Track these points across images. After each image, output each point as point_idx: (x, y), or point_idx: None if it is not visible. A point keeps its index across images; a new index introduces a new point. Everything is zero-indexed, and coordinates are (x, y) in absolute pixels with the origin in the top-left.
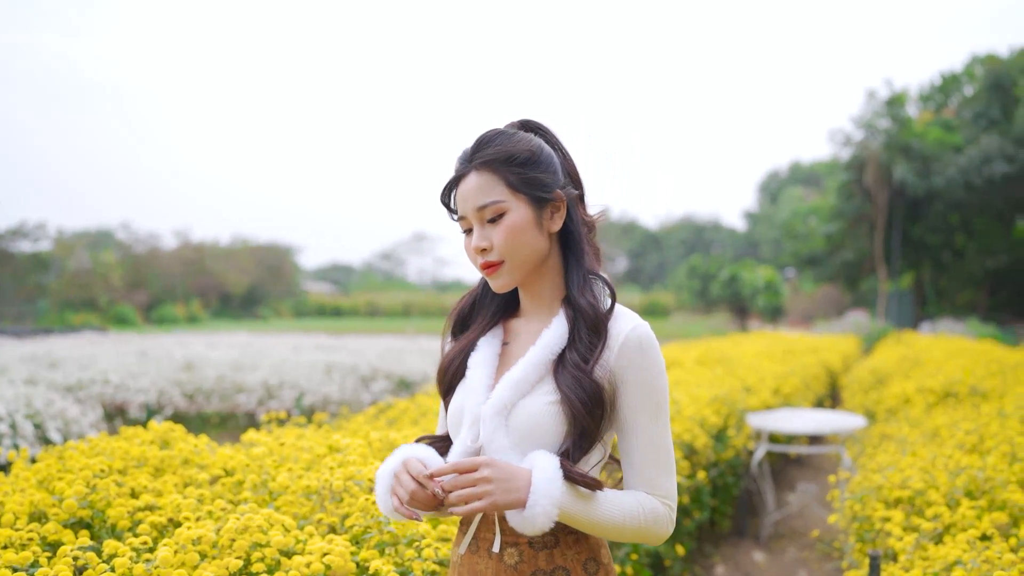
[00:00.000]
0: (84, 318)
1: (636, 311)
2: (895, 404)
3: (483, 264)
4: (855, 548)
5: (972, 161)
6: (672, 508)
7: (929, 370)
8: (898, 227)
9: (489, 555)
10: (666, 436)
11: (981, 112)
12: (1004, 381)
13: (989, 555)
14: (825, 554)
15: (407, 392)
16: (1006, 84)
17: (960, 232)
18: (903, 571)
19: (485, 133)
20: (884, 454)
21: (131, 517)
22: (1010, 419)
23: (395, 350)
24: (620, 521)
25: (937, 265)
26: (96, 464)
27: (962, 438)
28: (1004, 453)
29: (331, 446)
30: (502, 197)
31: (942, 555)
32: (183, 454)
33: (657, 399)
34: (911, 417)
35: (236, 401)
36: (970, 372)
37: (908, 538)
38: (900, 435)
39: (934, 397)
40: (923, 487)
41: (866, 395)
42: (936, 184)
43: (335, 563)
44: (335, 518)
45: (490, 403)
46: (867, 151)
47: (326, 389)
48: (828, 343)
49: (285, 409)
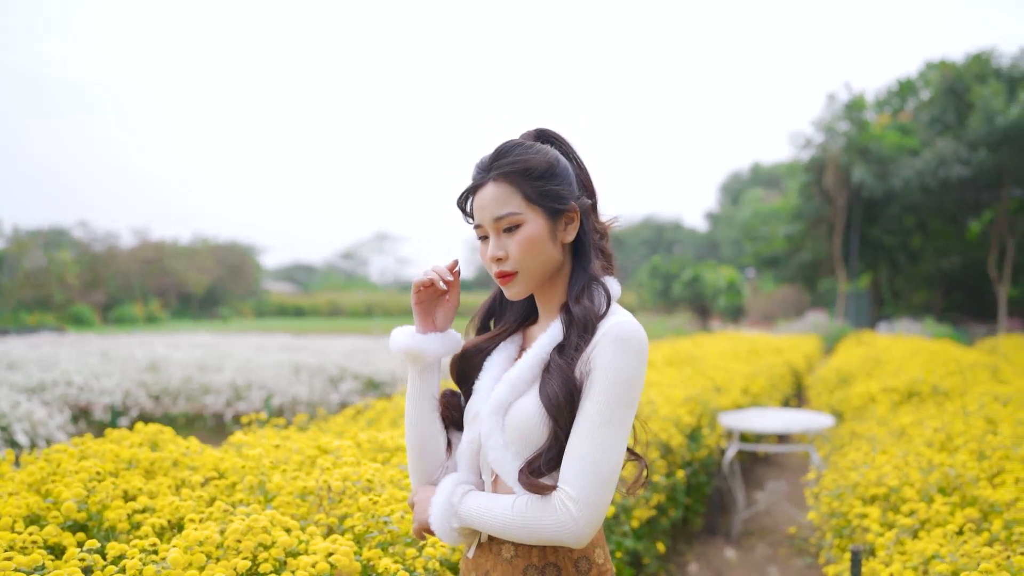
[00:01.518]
0: (40, 318)
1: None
2: (860, 403)
3: (498, 273)
4: (834, 544)
5: (928, 164)
6: (574, 512)
7: (891, 370)
8: (856, 228)
9: (490, 551)
10: (608, 433)
11: (936, 117)
12: (964, 380)
13: (967, 549)
14: (801, 549)
15: (375, 392)
16: (960, 90)
17: (916, 233)
18: (883, 566)
19: (504, 144)
20: (856, 452)
21: (129, 519)
22: (973, 418)
23: (361, 350)
24: (505, 523)
25: (893, 266)
26: (91, 467)
27: (930, 436)
28: (972, 451)
29: (321, 447)
30: (519, 209)
31: (919, 549)
32: (173, 456)
33: (614, 392)
34: (877, 416)
35: (203, 402)
36: (931, 372)
37: (889, 533)
38: (870, 433)
39: (898, 396)
40: (898, 484)
41: (831, 394)
42: (893, 186)
43: (340, 563)
44: (334, 519)
45: (488, 402)
46: (827, 153)
47: (295, 390)
48: (791, 343)
49: (254, 410)
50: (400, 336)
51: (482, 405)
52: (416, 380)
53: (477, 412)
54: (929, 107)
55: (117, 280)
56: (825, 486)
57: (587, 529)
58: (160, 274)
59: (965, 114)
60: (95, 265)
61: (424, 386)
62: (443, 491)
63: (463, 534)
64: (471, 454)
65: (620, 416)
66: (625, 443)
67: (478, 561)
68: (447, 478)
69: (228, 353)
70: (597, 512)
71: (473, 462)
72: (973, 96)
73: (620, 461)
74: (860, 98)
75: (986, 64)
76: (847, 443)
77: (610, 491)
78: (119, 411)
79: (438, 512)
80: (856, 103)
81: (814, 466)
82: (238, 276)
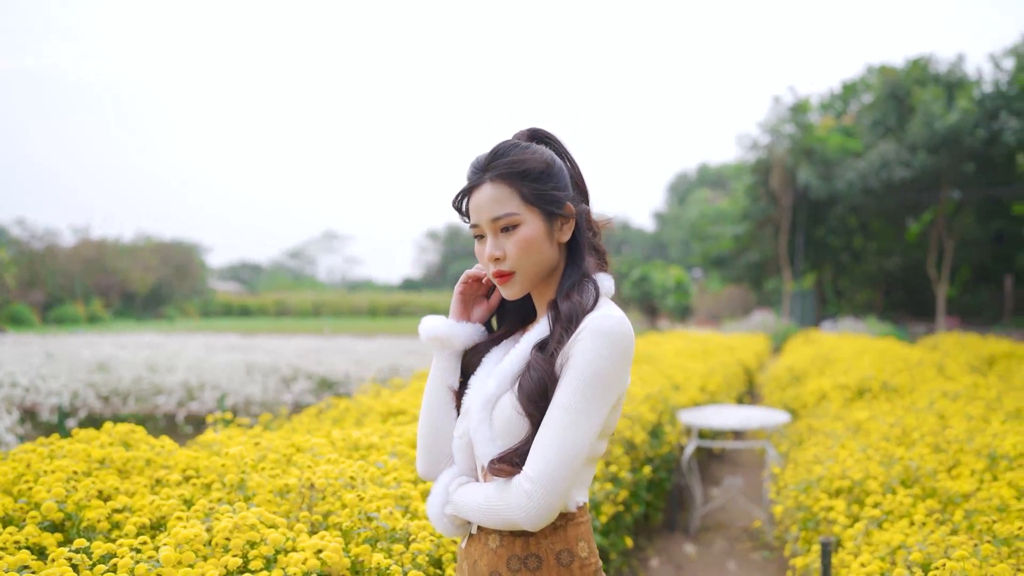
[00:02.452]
0: None
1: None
2: (813, 400)
3: (496, 273)
4: (800, 537)
5: (871, 166)
6: (528, 490)
7: (842, 368)
8: (801, 229)
9: (479, 541)
10: (572, 421)
11: (878, 120)
12: (912, 377)
13: (935, 538)
14: (764, 543)
15: (330, 392)
16: (901, 94)
17: (858, 234)
18: (852, 556)
19: (500, 144)
20: (816, 447)
21: (109, 519)
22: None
23: (313, 350)
24: (478, 509)
25: (837, 266)
26: (68, 466)
27: (887, 431)
28: (929, 444)
29: (295, 445)
30: (516, 210)
31: (886, 540)
32: (147, 455)
33: (582, 382)
34: (831, 412)
35: (155, 402)
36: (881, 369)
37: (859, 525)
38: (828, 429)
39: (850, 393)
40: (861, 477)
41: (784, 392)
42: (837, 188)
43: (331, 559)
44: (318, 516)
45: (477, 396)
46: (773, 155)
47: (248, 390)
48: (741, 342)
49: (207, 410)
50: (432, 322)
51: (473, 399)
52: (438, 368)
53: (468, 406)
54: (871, 110)
55: (57, 279)
56: (787, 480)
57: (542, 512)
58: (102, 273)
59: (906, 118)
60: (34, 264)
61: (444, 376)
62: (440, 483)
63: (456, 525)
64: (464, 448)
65: (588, 406)
66: (592, 433)
67: (469, 551)
68: (446, 471)
69: (177, 353)
70: (552, 496)
71: (467, 455)
72: (914, 100)
73: (583, 449)
74: (805, 101)
75: (924, 69)
76: (807, 439)
77: (568, 479)
78: (67, 412)
79: (434, 503)
80: (801, 106)
81: (771, 461)
82: (183, 275)
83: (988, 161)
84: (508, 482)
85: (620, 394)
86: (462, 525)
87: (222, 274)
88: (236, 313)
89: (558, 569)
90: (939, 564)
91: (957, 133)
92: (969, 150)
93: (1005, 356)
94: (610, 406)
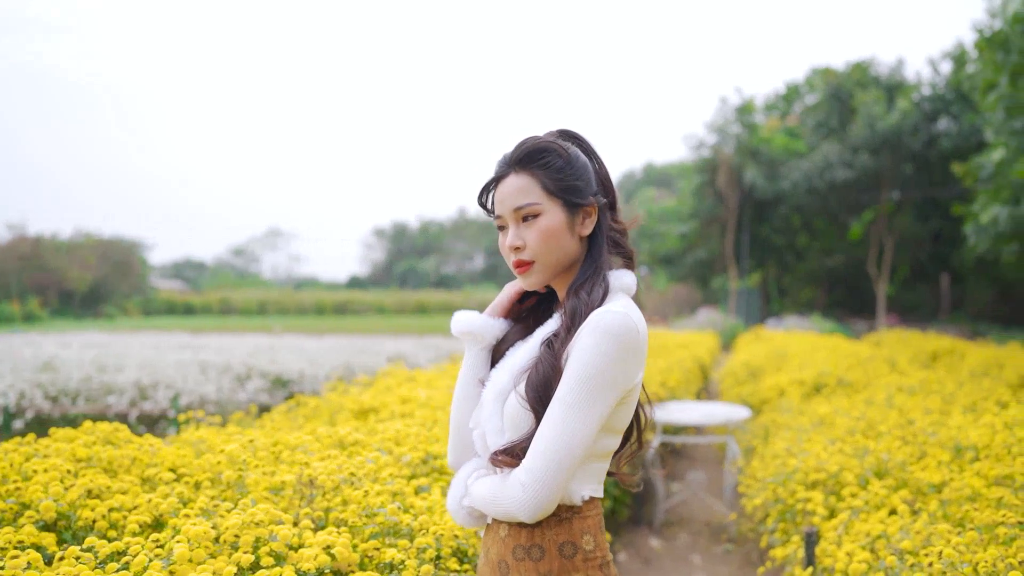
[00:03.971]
0: None
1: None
2: (771, 396)
3: (516, 262)
4: (778, 528)
5: (814, 166)
6: (523, 482)
7: (797, 364)
8: (747, 228)
9: (493, 530)
10: (570, 416)
11: (822, 121)
12: (865, 373)
13: (918, 527)
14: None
15: (284, 391)
16: (843, 96)
17: (802, 233)
18: (835, 546)
19: (526, 139)
20: (784, 440)
21: (106, 518)
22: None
23: (265, 348)
24: (484, 500)
25: (781, 264)
26: (61, 465)
27: (853, 424)
28: (896, 437)
29: (281, 442)
30: (538, 200)
31: (866, 530)
32: (133, 454)
33: (582, 378)
34: (790, 407)
35: (105, 402)
36: (835, 365)
37: (843, 515)
38: (796, 423)
39: (807, 388)
40: (837, 469)
41: (742, 387)
42: (782, 187)
43: (341, 555)
44: (320, 512)
45: (491, 388)
46: (719, 155)
47: (203, 389)
48: (694, 339)
49: (160, 410)
50: (465, 317)
51: (488, 392)
52: (469, 361)
53: (484, 398)
54: (814, 112)
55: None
56: (763, 473)
57: (534, 506)
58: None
59: (848, 119)
60: None
61: (475, 369)
62: (461, 475)
63: (474, 516)
64: (480, 438)
65: (584, 402)
66: (589, 429)
67: (485, 540)
68: (467, 464)
69: (124, 352)
70: (548, 490)
71: (484, 446)
72: (855, 102)
73: (579, 445)
74: (750, 102)
75: (866, 72)
76: (773, 433)
77: (563, 473)
78: (13, 413)
79: (454, 495)
80: (746, 106)
81: (733, 456)
82: (123, 273)
83: (926, 162)
84: (507, 474)
85: (627, 390)
86: (479, 517)
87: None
88: (180, 312)
89: (560, 560)
90: (933, 551)
91: (897, 135)
92: (908, 151)
93: (947, 352)
94: (612, 402)
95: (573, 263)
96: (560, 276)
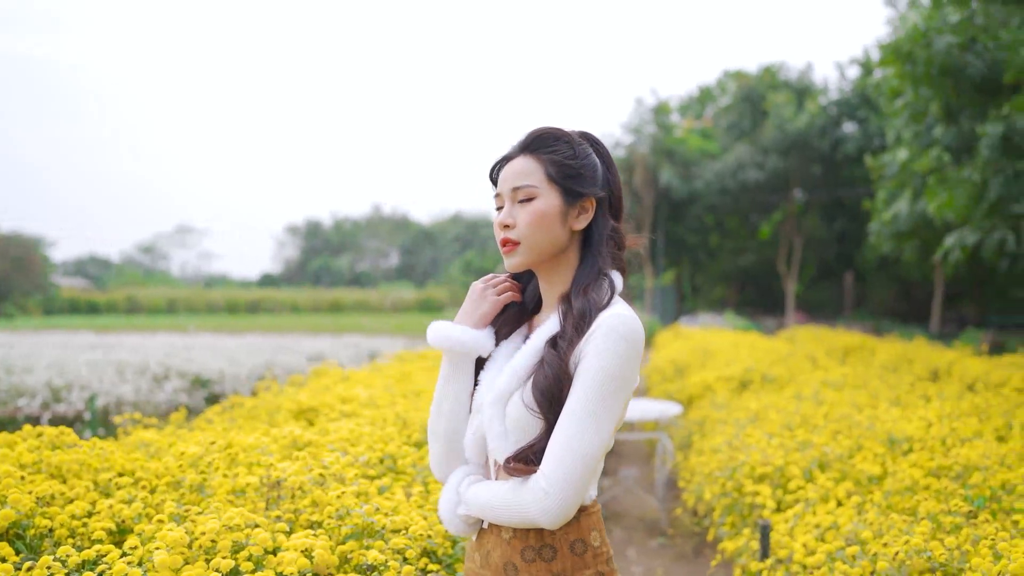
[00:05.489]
0: None
1: (409, 307)
2: (698, 392)
3: (503, 240)
4: (727, 521)
5: (727, 167)
6: (547, 490)
7: (722, 360)
8: (663, 227)
9: (492, 532)
10: (589, 422)
11: (734, 123)
12: (788, 369)
13: (871, 518)
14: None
15: (204, 391)
16: (755, 98)
17: (715, 233)
18: (788, 538)
19: (543, 126)
20: (720, 435)
21: (65, 526)
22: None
23: (180, 347)
24: (493, 508)
25: (695, 263)
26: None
27: (788, 419)
28: (832, 431)
29: (233, 443)
30: (537, 184)
31: (816, 522)
32: (82, 458)
33: (598, 383)
34: (718, 402)
35: (15, 405)
36: (759, 361)
37: (797, 507)
38: (734, 418)
39: (734, 384)
40: (783, 463)
41: (669, 384)
42: (696, 188)
43: (321, 557)
44: (290, 514)
45: (489, 392)
46: (635, 155)
47: (119, 390)
48: None
49: (75, 412)
50: (451, 332)
51: (486, 395)
52: (457, 374)
53: (481, 402)
54: (727, 113)
55: None
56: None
57: (559, 512)
58: None
59: (759, 121)
60: None
61: (466, 382)
62: (452, 482)
63: (469, 524)
64: (476, 444)
65: (603, 406)
66: (607, 432)
67: (481, 542)
68: (455, 472)
69: (32, 353)
70: (570, 496)
71: (480, 452)
72: (767, 105)
73: (599, 449)
74: (665, 103)
75: (775, 76)
76: (710, 428)
77: (585, 478)
78: None
79: (446, 504)
80: (662, 108)
81: (667, 452)
82: (23, 270)
83: (832, 164)
84: (525, 481)
85: (634, 389)
86: (475, 524)
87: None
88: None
89: (572, 559)
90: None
91: (805, 137)
92: (816, 153)
93: (858, 347)
94: (626, 403)
95: (559, 253)
96: (545, 265)
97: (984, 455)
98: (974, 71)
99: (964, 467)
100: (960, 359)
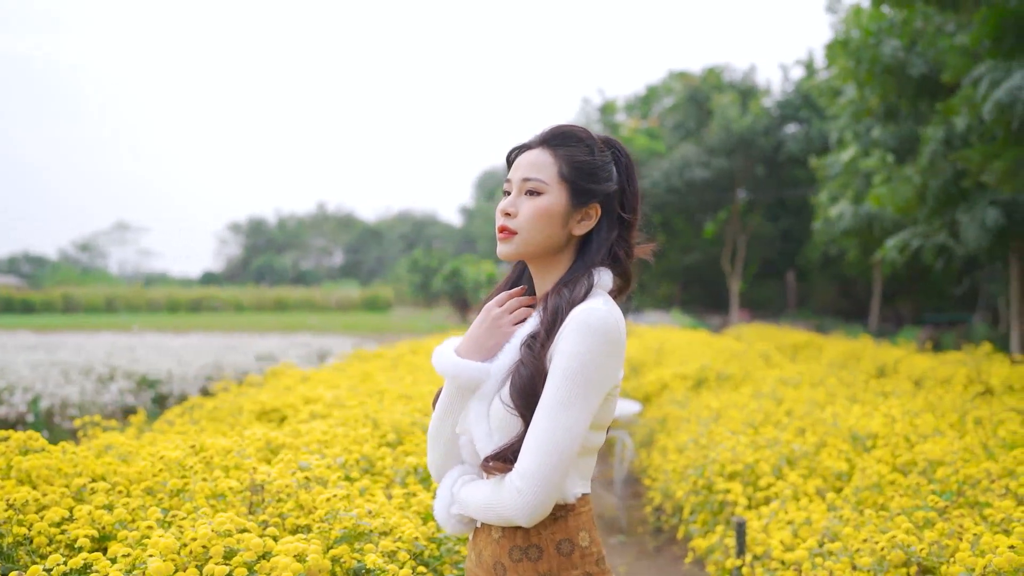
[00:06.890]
0: None
1: (355, 306)
2: (655, 390)
3: (500, 227)
4: (698, 519)
5: (673, 166)
6: (520, 487)
7: (677, 359)
8: None
9: (484, 532)
10: (561, 415)
11: (680, 123)
12: (743, 366)
13: (846, 514)
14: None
15: (152, 391)
16: (700, 99)
17: (661, 231)
18: (764, 535)
19: (568, 124)
20: (684, 433)
21: (44, 533)
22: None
23: (125, 347)
24: (476, 506)
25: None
26: None
27: (750, 416)
28: (797, 428)
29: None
30: (547, 179)
31: (789, 518)
32: (56, 463)
33: (570, 375)
34: (681, 400)
35: None
36: (714, 359)
37: (774, 504)
38: (695, 416)
39: (691, 382)
40: (753, 460)
41: (625, 382)
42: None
43: (314, 561)
44: (276, 518)
45: (476, 393)
46: None
47: (64, 391)
48: None
49: (17, 414)
50: (466, 369)
51: (472, 397)
52: (463, 403)
53: (468, 403)
54: (673, 113)
55: None
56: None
57: (534, 509)
58: None
59: (704, 121)
60: None
61: (465, 399)
62: (445, 484)
63: (464, 523)
64: (468, 443)
65: (575, 400)
66: (580, 427)
67: (475, 541)
68: (449, 472)
69: None
70: (543, 492)
71: (474, 452)
72: (712, 105)
73: (572, 444)
74: (612, 103)
75: (720, 77)
76: (673, 426)
77: (559, 473)
78: None
79: (441, 504)
80: (608, 107)
81: (625, 449)
82: None
83: (775, 164)
84: (502, 479)
85: (612, 386)
86: (469, 523)
87: None
88: (17, 309)
89: (558, 559)
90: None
91: (750, 137)
92: (760, 153)
93: (806, 345)
94: (599, 399)
95: (554, 254)
96: (538, 262)
97: (947, 450)
98: (915, 71)
99: (929, 462)
100: (906, 356)
